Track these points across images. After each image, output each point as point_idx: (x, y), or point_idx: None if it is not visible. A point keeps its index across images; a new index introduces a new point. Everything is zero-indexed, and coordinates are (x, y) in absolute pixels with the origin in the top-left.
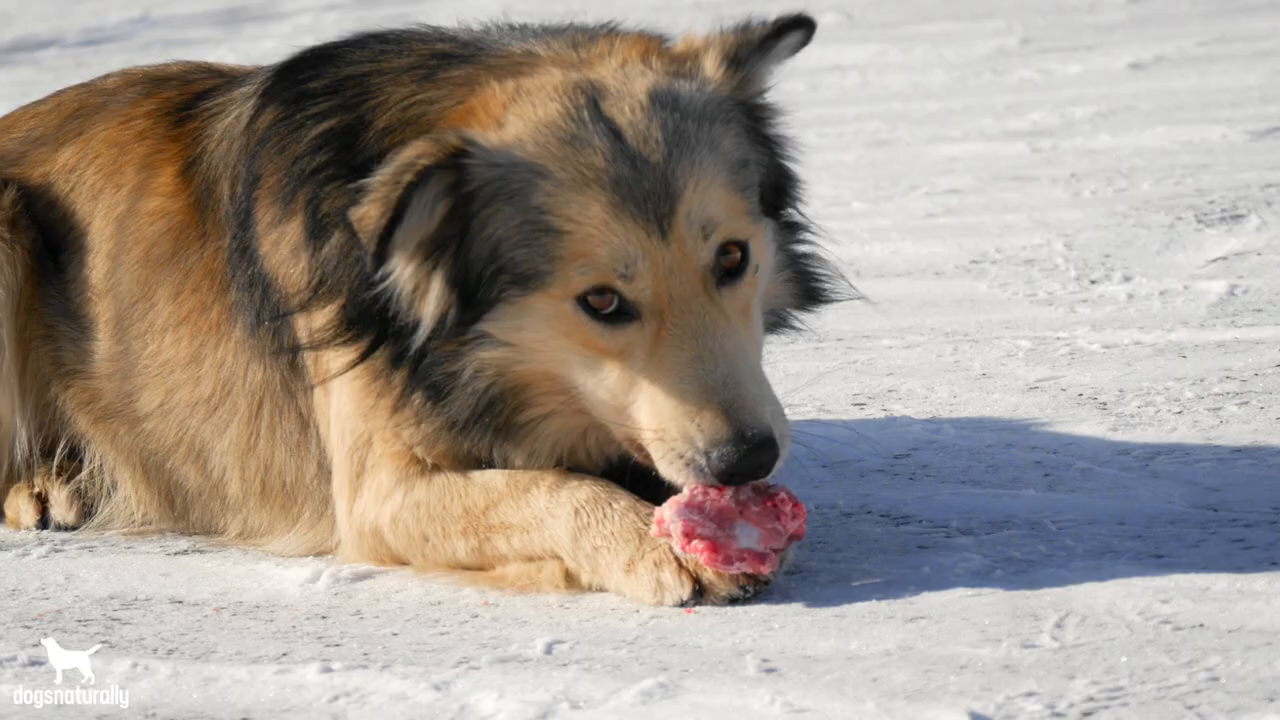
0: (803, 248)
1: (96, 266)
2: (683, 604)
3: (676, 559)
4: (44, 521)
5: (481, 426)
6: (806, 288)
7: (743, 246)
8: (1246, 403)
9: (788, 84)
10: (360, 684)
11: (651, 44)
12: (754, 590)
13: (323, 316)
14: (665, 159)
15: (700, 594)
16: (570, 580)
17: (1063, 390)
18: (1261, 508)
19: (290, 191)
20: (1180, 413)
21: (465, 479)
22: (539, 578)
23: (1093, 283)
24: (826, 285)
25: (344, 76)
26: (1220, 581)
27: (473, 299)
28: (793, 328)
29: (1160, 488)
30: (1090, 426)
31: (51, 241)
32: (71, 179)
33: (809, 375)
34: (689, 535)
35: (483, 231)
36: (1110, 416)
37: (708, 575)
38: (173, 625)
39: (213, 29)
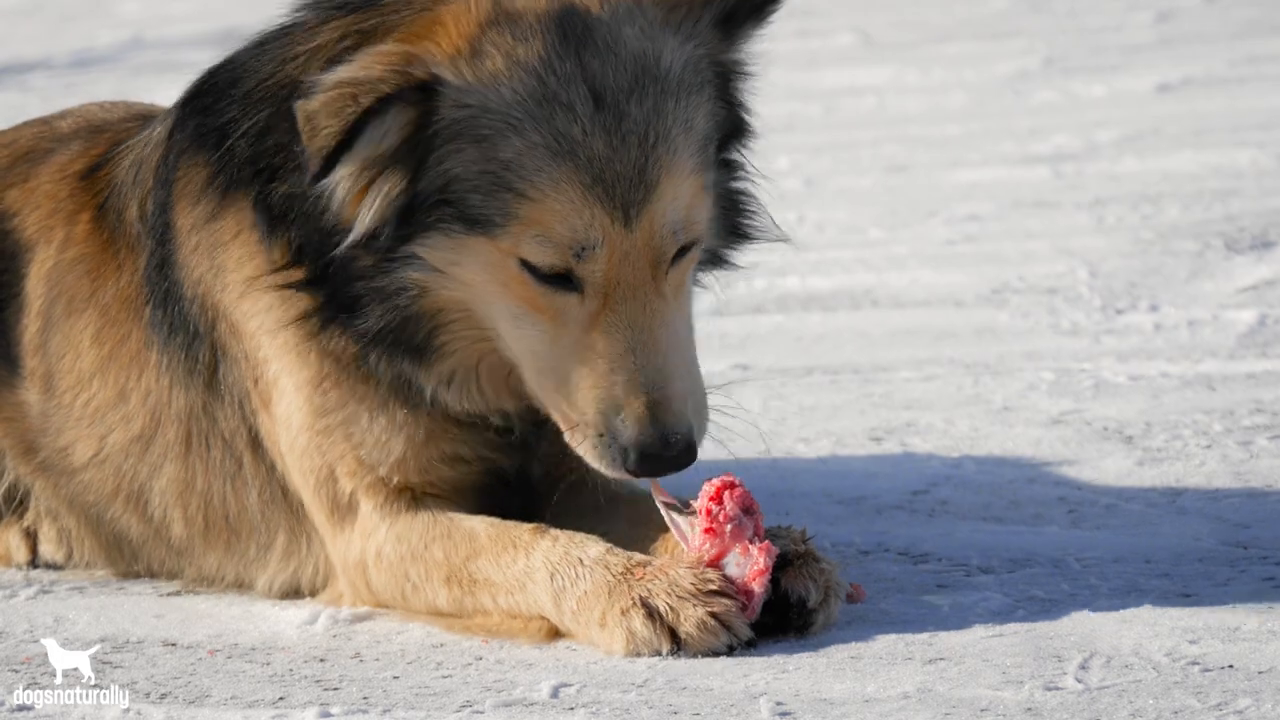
0: (738, 184)
1: (29, 324)
2: (665, 653)
3: (645, 608)
4: (35, 560)
5: (392, 340)
6: (732, 223)
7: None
8: (1277, 436)
9: (802, 107)
10: None
11: None
12: (737, 644)
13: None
14: (641, 141)
15: (677, 646)
16: (555, 636)
17: (1087, 423)
18: None
19: (221, 189)
20: (1209, 447)
21: (449, 520)
22: (521, 631)
23: (1118, 312)
24: (752, 223)
25: (257, 82)
26: (1250, 621)
27: (410, 219)
28: (728, 263)
29: (1188, 524)
30: (1115, 461)
31: None
32: (14, 222)
33: (825, 409)
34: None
35: (439, 165)
36: (1136, 450)
37: (685, 629)
38: (166, 668)
39: (206, 51)
